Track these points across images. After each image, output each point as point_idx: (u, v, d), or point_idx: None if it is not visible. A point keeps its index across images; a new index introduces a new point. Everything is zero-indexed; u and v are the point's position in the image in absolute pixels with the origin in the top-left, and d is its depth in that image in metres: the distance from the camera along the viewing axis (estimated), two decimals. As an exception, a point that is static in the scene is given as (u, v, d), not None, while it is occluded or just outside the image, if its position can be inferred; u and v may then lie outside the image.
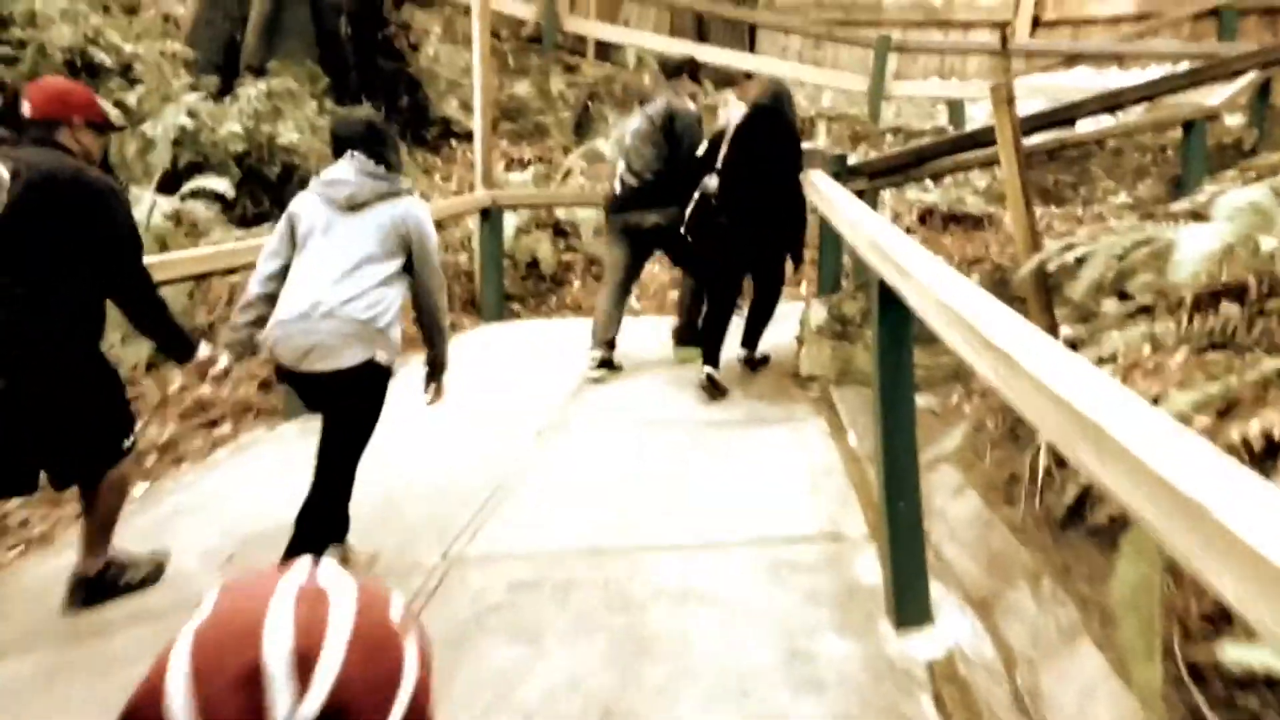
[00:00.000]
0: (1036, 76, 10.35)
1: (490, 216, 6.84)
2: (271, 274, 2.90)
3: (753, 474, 3.79)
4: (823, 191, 4.25)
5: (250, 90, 7.03)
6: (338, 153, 2.98)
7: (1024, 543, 2.84)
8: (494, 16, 10.61)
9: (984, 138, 5.75)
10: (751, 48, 12.26)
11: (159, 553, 3.11)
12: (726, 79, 11.13)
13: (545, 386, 5.13)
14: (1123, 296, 4.19)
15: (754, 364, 5.28)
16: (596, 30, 11.65)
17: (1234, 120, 8.02)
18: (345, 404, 2.80)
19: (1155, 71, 10.38)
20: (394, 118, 8.74)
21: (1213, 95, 7.05)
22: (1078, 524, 2.82)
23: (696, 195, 4.94)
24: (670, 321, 5.82)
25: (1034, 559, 2.72)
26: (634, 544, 3.22)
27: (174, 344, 2.96)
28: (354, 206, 2.84)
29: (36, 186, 2.59)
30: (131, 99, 6.26)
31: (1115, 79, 10.55)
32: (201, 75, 7.46)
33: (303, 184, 6.89)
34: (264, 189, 6.58)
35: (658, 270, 8.33)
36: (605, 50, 11.74)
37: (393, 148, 3.02)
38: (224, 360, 2.97)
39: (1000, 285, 5.17)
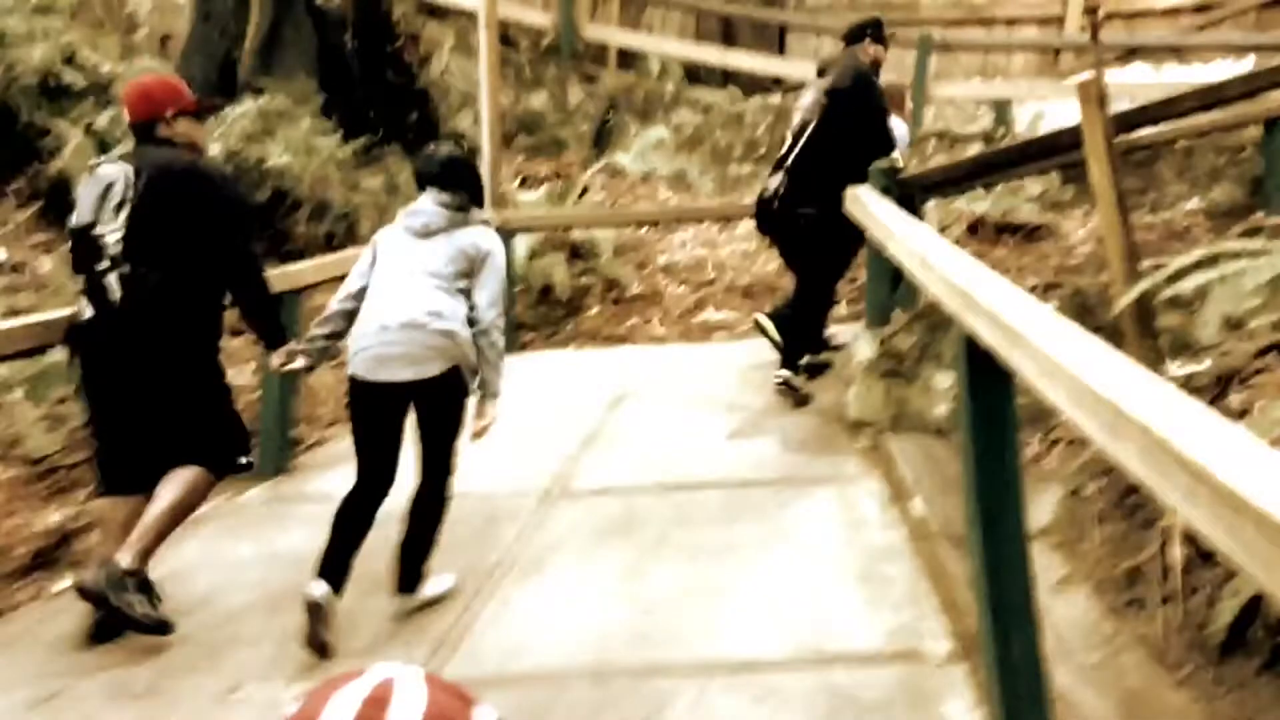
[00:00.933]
0: (1090, 74, 9.57)
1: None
2: (352, 293, 3.09)
3: (795, 557, 3.09)
4: (872, 212, 3.56)
5: (238, 110, 6.48)
6: (420, 188, 3.18)
7: (1172, 676, 2.13)
8: (510, 26, 10.05)
9: (1056, 142, 5.03)
10: (781, 50, 11.59)
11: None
12: (755, 84, 10.49)
13: (555, 435, 4.47)
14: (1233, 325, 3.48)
15: (793, 390, 4.58)
16: (617, 37, 11.04)
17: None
18: (425, 408, 2.97)
19: (1220, 65, 9.56)
20: (401, 134, 8.17)
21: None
22: (1245, 651, 2.10)
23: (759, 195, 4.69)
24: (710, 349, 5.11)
25: (1193, 706, 2.01)
26: (649, 662, 2.54)
27: (271, 332, 3.24)
28: (428, 234, 3.05)
29: (157, 180, 2.89)
30: (103, 121, 5.73)
31: (1174, 75, 9.77)
32: (191, 95, 6.95)
33: (295, 208, 6.46)
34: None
35: (683, 291, 7.66)
36: (627, 58, 11.13)
37: (471, 181, 3.17)
38: (300, 362, 3.18)
39: (1083, 312, 4.44)
